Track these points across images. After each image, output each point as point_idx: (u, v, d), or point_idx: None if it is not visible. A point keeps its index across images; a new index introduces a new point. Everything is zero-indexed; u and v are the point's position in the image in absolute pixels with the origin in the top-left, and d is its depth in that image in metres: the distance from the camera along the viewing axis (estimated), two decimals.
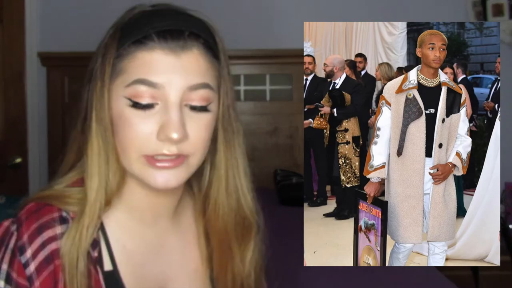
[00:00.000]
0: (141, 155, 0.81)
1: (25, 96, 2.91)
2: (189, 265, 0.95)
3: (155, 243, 0.92)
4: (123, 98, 0.81)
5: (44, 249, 0.79)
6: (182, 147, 0.81)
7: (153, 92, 0.80)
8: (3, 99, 2.89)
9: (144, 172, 0.82)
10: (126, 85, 0.81)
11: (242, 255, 0.94)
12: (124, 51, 0.82)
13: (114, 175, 0.84)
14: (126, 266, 0.86)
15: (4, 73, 2.88)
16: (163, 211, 0.92)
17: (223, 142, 0.89)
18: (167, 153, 0.81)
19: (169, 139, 0.79)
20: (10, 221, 0.82)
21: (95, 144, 0.83)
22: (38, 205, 0.82)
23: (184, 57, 0.81)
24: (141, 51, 0.81)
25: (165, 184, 0.82)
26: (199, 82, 0.82)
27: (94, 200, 0.82)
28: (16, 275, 0.79)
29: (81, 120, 0.88)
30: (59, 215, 0.82)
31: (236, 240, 0.93)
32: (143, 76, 0.80)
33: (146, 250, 0.90)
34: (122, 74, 0.82)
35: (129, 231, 0.89)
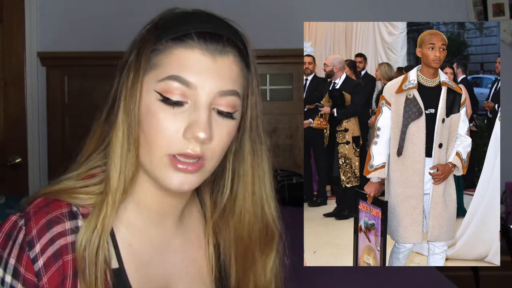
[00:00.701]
0: (165, 154, 0.81)
1: (25, 96, 2.91)
2: (193, 266, 0.96)
3: (160, 243, 0.92)
4: (154, 92, 0.81)
5: (53, 245, 0.79)
6: (204, 149, 0.82)
7: (185, 90, 0.81)
8: (3, 99, 2.89)
9: (163, 172, 0.82)
10: (159, 80, 0.81)
11: (264, 263, 0.95)
12: (161, 46, 0.83)
13: (130, 166, 0.84)
14: (131, 264, 0.86)
15: (4, 73, 2.89)
16: (170, 211, 0.92)
17: (250, 153, 0.91)
18: (190, 152, 0.81)
19: (196, 137, 0.80)
20: (18, 216, 0.81)
21: (120, 134, 0.83)
22: (46, 200, 0.82)
23: (220, 61, 0.82)
24: (179, 48, 0.82)
25: (179, 187, 0.83)
26: (230, 88, 0.83)
27: (116, 188, 0.82)
28: (24, 270, 0.78)
29: (107, 109, 0.87)
30: (68, 210, 0.82)
31: (260, 249, 0.95)
32: (178, 73, 0.81)
33: (151, 249, 0.90)
34: (156, 68, 0.82)
35: (135, 230, 0.89)
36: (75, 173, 0.88)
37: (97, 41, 2.88)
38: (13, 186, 2.80)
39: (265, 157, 0.93)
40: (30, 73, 2.92)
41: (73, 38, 2.94)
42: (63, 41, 2.94)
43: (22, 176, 2.90)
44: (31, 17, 2.92)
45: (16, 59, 2.90)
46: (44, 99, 2.96)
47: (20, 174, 2.89)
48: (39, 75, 2.95)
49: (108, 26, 2.89)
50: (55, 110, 2.95)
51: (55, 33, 2.96)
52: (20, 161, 2.89)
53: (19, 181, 2.88)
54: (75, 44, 2.92)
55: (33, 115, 2.93)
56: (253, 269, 0.95)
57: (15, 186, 2.82)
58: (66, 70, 2.95)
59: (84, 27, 2.95)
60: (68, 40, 2.94)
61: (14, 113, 2.90)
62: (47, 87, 2.96)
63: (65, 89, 2.96)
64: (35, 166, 2.94)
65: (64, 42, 2.94)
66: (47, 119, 2.95)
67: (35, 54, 2.93)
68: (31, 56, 2.92)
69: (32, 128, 2.94)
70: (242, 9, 2.89)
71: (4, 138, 2.89)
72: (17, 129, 2.90)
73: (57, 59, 2.96)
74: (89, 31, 2.93)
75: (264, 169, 0.93)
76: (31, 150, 2.93)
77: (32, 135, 2.94)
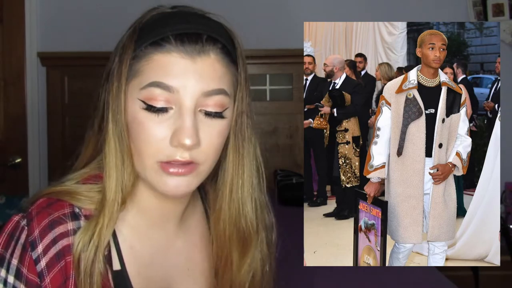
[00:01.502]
0: (155, 161, 0.81)
1: (25, 96, 2.91)
2: (195, 268, 0.95)
3: (162, 245, 0.92)
4: (138, 101, 0.81)
5: (55, 245, 0.79)
6: (194, 154, 0.81)
7: (168, 96, 0.79)
8: (3, 99, 2.89)
9: (156, 178, 0.82)
10: (141, 88, 0.80)
11: (238, 266, 0.94)
12: (141, 52, 0.81)
13: (129, 176, 0.84)
14: (133, 266, 0.86)
15: (4, 73, 2.89)
16: (171, 215, 0.92)
17: (232, 148, 0.88)
18: (180, 159, 0.80)
19: (182, 145, 0.79)
20: (20, 216, 0.81)
21: (112, 145, 0.83)
22: (49, 200, 0.82)
23: (200, 62, 0.80)
24: (158, 53, 0.80)
25: (175, 191, 0.82)
26: (215, 88, 0.81)
27: (113, 200, 0.82)
28: (26, 270, 0.78)
29: (98, 119, 0.87)
30: (71, 211, 0.82)
31: (235, 248, 0.93)
32: (159, 79, 0.79)
33: (153, 251, 0.90)
34: (138, 75, 0.81)
35: (137, 232, 0.89)
36: (77, 174, 0.88)
37: (97, 41, 2.88)
38: (13, 186, 2.80)
39: (248, 155, 0.89)
40: (30, 73, 2.92)
41: (73, 38, 2.94)
42: (63, 41, 2.94)
43: (22, 176, 2.89)
44: (31, 17, 2.92)
45: (16, 59, 2.90)
46: (44, 99, 2.96)
47: (20, 174, 2.89)
48: (39, 75, 2.95)
49: (108, 26, 2.87)
50: (55, 110, 2.95)
51: (55, 33, 2.96)
52: (20, 161, 2.89)
53: (19, 181, 2.88)
54: (75, 44, 2.92)
55: (33, 115, 2.93)
56: (229, 268, 0.94)
57: (15, 186, 2.82)
58: (66, 70, 2.95)
59: (84, 27, 2.95)
60: (68, 40, 2.94)
61: (14, 113, 2.90)
62: (47, 87, 2.96)
63: (65, 89, 2.96)
64: (35, 166, 2.94)
65: (64, 42, 2.94)
66: (47, 119, 2.96)
67: (35, 54, 2.93)
68: (31, 56, 2.92)
69: (32, 128, 2.94)
70: (242, 9, 2.90)
71: (4, 138, 2.89)
72: (17, 129, 2.90)
73: (57, 59, 2.96)
74: (89, 31, 2.93)
75: (245, 168, 0.89)
76: (31, 150, 2.93)
77: (32, 135, 2.94)
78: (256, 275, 0.96)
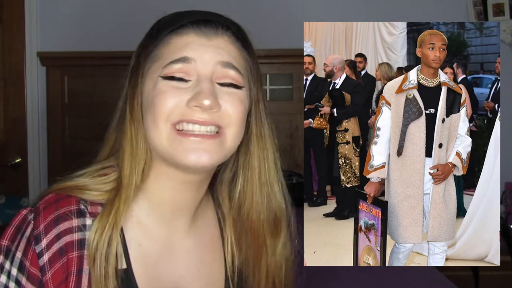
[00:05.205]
0: (171, 124, 0.82)
1: (25, 96, 2.91)
2: (204, 269, 0.95)
3: (171, 244, 0.91)
4: (159, 78, 0.84)
5: (59, 241, 0.79)
6: (215, 117, 0.82)
7: (186, 67, 0.83)
8: (3, 99, 2.89)
9: (176, 147, 0.82)
10: (162, 67, 0.84)
11: (273, 248, 0.95)
12: (160, 41, 0.86)
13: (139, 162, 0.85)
14: (140, 265, 0.86)
15: (4, 73, 2.89)
16: (184, 208, 0.92)
17: (255, 135, 0.92)
18: (197, 119, 0.81)
19: (201, 104, 0.81)
20: (28, 210, 0.83)
21: (129, 134, 0.85)
22: (57, 196, 0.83)
23: (215, 40, 0.85)
24: (175, 37, 0.85)
25: (197, 161, 0.82)
26: (230, 61, 0.85)
27: (128, 184, 0.84)
28: (29, 264, 0.79)
29: (118, 116, 0.90)
30: (77, 208, 0.82)
31: (269, 232, 0.95)
32: (177, 56, 0.84)
33: (161, 250, 0.90)
34: (157, 60, 0.85)
35: (145, 229, 0.88)
36: (88, 170, 0.89)
37: (97, 41, 2.88)
38: (13, 186, 2.80)
39: (271, 140, 0.94)
40: (30, 73, 2.92)
41: (73, 38, 2.94)
42: (63, 41, 2.94)
43: (22, 176, 2.89)
44: (31, 17, 2.92)
45: (16, 59, 2.90)
46: (44, 99, 2.96)
47: (20, 174, 2.89)
48: (39, 75, 2.95)
49: (108, 26, 2.89)
50: (55, 110, 2.95)
51: (55, 33, 2.96)
52: (20, 161, 2.89)
53: (19, 181, 2.88)
54: (75, 44, 2.92)
55: (33, 115, 2.93)
56: (264, 255, 0.95)
57: (15, 186, 2.82)
58: (66, 70, 2.95)
59: (84, 27, 2.94)
60: (68, 40, 2.94)
61: (14, 113, 2.90)
62: (47, 87, 2.95)
63: (65, 89, 2.95)
64: (35, 166, 2.94)
65: (64, 42, 2.93)
66: (47, 119, 2.95)
67: (35, 54, 2.93)
68: (31, 56, 2.92)
69: (32, 128, 2.93)
70: (242, 9, 2.89)
71: (4, 138, 2.89)
72: (17, 129, 2.90)
73: (57, 59, 2.96)
74: (89, 31, 2.93)
75: (268, 151, 0.93)
76: (31, 150, 2.93)
77: (32, 135, 2.93)
78: (288, 259, 0.98)
